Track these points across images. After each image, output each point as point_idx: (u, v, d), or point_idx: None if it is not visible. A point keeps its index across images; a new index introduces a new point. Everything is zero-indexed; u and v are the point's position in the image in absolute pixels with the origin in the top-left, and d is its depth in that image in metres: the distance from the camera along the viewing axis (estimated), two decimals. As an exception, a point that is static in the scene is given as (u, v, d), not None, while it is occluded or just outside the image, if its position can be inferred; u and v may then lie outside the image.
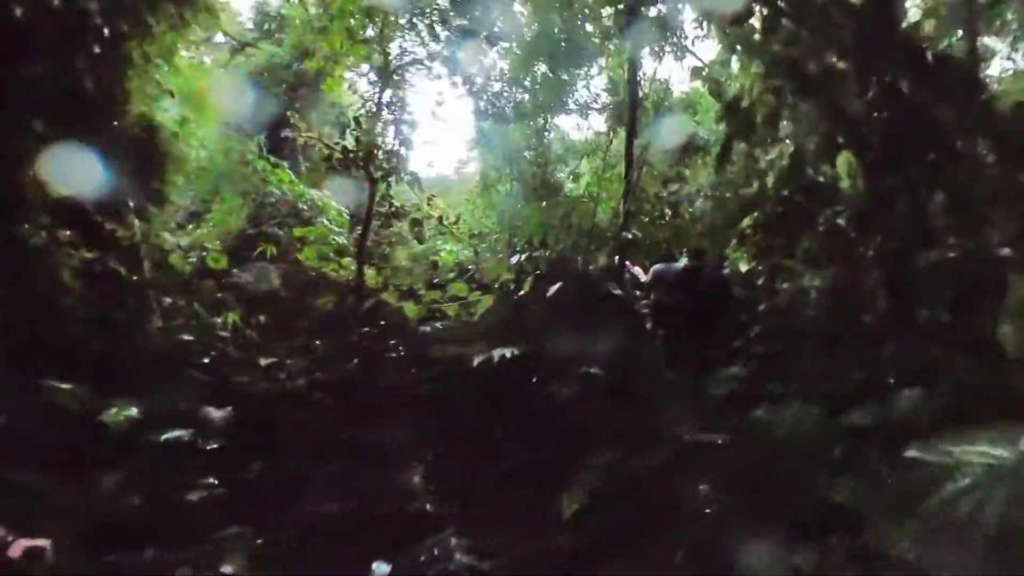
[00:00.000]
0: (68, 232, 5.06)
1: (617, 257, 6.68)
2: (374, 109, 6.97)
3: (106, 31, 4.75)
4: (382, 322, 5.11)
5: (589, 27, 7.64)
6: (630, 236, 5.58)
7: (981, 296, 3.65)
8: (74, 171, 4.98)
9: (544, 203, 6.12)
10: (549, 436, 4.48)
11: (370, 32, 7.30)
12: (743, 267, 7.76)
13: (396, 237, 8.09)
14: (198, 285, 5.84)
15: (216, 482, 4.71)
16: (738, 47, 6.92)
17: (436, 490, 4.32)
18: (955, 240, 3.76)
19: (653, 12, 5.88)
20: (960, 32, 6.57)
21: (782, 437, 2.77)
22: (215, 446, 4.96)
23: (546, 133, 8.54)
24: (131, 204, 5.63)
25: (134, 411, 4.46)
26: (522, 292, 4.88)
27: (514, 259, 5.32)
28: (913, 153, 3.94)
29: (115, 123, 4.96)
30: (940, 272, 3.66)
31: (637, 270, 7.58)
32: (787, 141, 6.93)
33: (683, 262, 7.15)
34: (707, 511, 3.18)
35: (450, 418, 4.87)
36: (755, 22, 6.13)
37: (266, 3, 10.74)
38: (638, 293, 8.09)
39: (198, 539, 4.05)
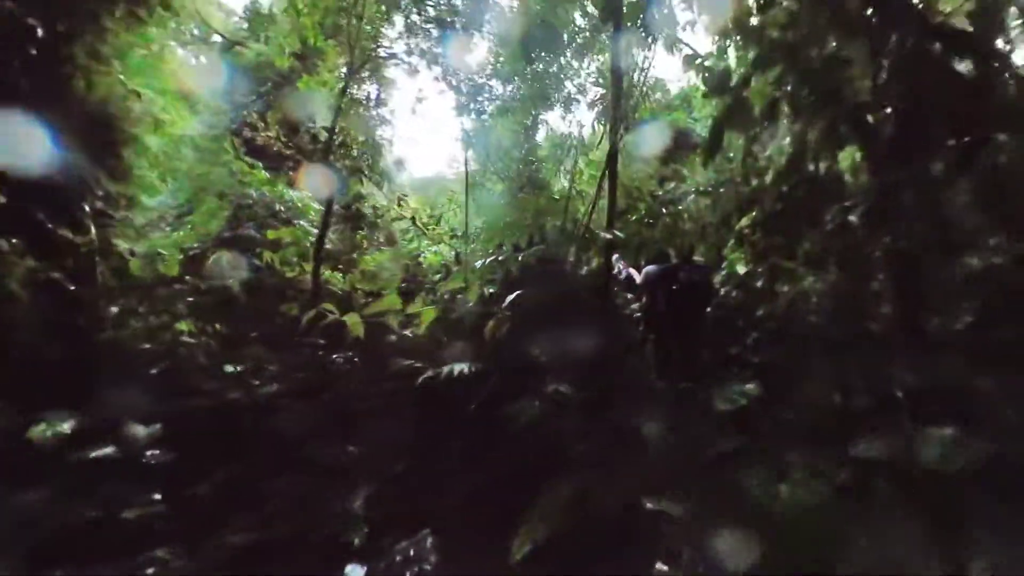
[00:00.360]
0: (15, 240, 4.64)
1: (603, 258, 6.01)
2: (340, 106, 6.41)
3: (40, 32, 4.28)
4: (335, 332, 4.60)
5: (577, 16, 6.98)
6: (610, 236, 4.89)
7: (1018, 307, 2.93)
8: (18, 173, 4.56)
9: (506, 202, 5.45)
10: (509, 460, 3.89)
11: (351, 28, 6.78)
12: (741, 269, 7.06)
13: (366, 240, 7.55)
14: (158, 291, 5.38)
15: (160, 498, 4.27)
16: (731, 31, 6.20)
17: (384, 516, 3.77)
18: (992, 241, 3.03)
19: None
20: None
21: (780, 513, 2.11)
22: (165, 459, 4.55)
23: (533, 128, 7.88)
24: (87, 209, 5.18)
25: (65, 427, 4.01)
26: (471, 302, 4.26)
27: (478, 263, 4.70)
28: (934, 139, 3.22)
29: (58, 125, 4.49)
30: (983, 279, 2.95)
31: (632, 271, 6.94)
32: (787, 139, 6.21)
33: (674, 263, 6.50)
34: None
35: (409, 436, 4.31)
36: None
37: (258, 1, 10.27)
38: (630, 296, 7.46)
39: (119, 561, 3.61)
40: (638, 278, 6.56)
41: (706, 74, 6.29)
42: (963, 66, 3.83)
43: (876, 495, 2.47)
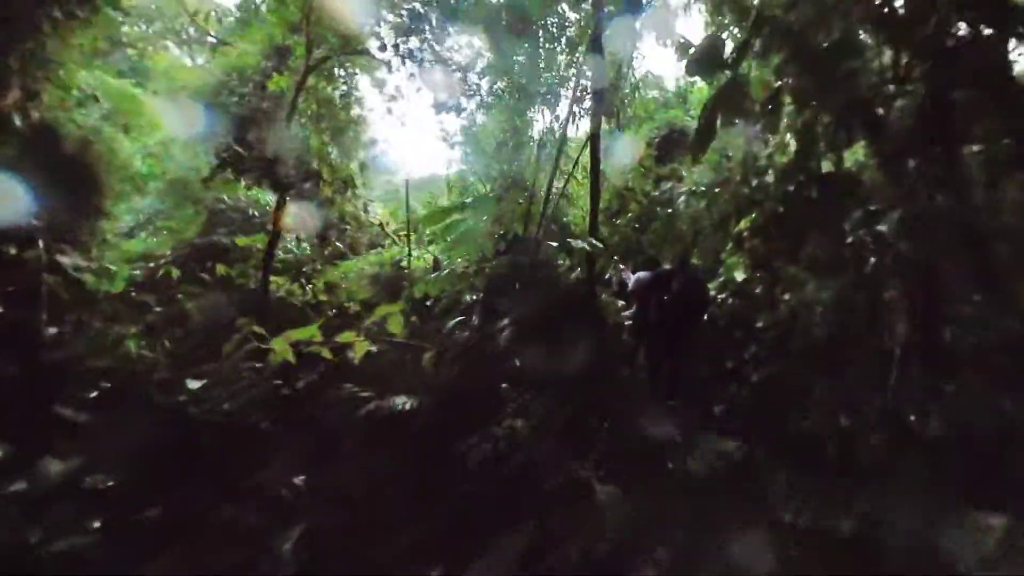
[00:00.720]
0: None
1: (588, 266, 5.40)
2: (295, 105, 5.87)
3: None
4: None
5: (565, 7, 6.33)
6: (582, 244, 4.26)
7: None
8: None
9: (467, 206, 4.83)
10: (460, 503, 3.34)
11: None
12: (739, 275, 6.38)
13: (329, 248, 7.04)
14: (103, 306, 4.97)
15: (98, 527, 3.86)
16: (730, 19, 5.51)
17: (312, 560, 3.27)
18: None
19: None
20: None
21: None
22: (111, 483, 4.14)
23: (514, 125, 7.23)
24: (35, 223, 4.78)
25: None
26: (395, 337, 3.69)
27: (433, 275, 4.14)
28: (963, 132, 2.55)
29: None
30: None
31: (628, 276, 6.34)
32: (788, 134, 5.50)
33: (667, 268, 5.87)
34: None
35: (357, 470, 3.80)
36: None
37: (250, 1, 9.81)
38: (621, 304, 6.87)
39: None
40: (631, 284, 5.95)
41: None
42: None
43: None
